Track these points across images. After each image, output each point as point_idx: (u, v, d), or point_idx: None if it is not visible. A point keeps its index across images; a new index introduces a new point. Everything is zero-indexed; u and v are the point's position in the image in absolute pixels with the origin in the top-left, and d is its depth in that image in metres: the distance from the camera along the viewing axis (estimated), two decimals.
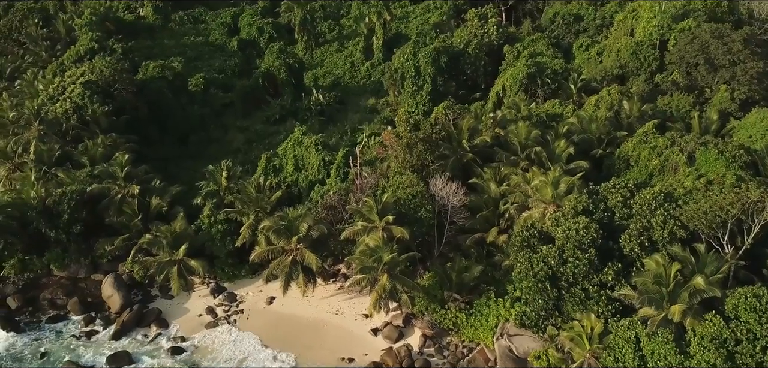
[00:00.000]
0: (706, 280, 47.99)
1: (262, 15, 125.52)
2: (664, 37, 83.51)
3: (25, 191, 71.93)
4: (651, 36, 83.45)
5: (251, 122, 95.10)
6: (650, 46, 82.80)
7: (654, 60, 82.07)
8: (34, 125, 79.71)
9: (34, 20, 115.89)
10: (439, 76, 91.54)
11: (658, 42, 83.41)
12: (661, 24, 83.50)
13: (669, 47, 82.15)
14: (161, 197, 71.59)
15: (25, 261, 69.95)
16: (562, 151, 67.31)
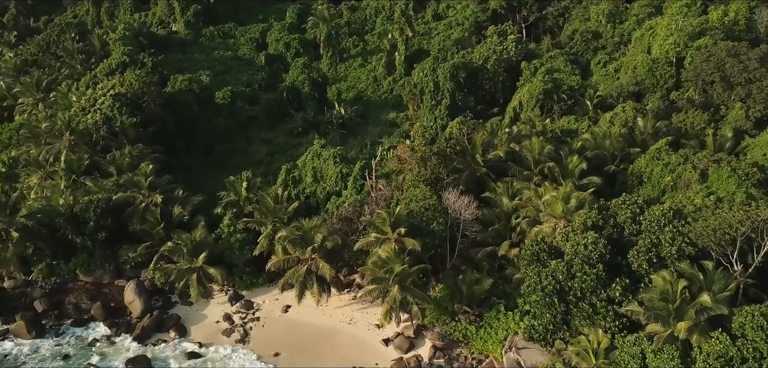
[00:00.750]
0: (713, 298, 46.94)
1: (290, 31, 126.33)
2: (680, 55, 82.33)
3: (54, 199, 73.02)
4: (667, 53, 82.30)
5: (275, 134, 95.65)
6: (666, 63, 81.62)
7: (670, 77, 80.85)
8: (66, 135, 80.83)
9: (71, 35, 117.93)
10: (458, 91, 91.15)
11: (675, 59, 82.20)
12: (678, 42, 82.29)
13: (685, 65, 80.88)
14: (183, 206, 72.15)
15: (53, 266, 71.11)
16: (574, 166, 66.48)
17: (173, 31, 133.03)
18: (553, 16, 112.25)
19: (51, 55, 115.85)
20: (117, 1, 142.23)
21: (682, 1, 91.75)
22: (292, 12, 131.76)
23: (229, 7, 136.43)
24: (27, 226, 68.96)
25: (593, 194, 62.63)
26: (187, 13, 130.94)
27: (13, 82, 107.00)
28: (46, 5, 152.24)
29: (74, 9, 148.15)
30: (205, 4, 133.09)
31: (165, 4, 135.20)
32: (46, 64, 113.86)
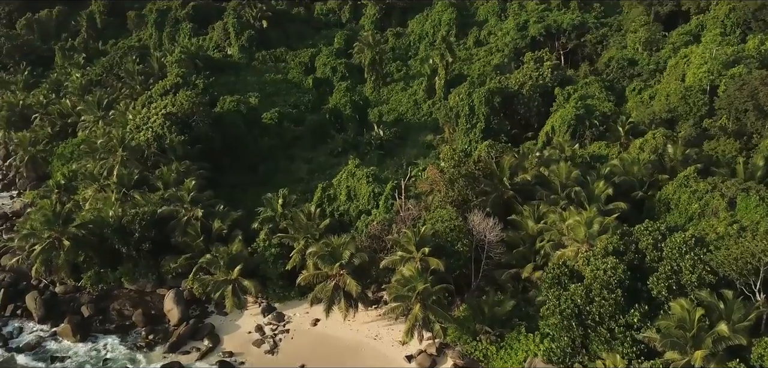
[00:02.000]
0: (731, 327, 44.81)
1: (337, 56, 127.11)
2: (714, 83, 79.46)
3: (105, 210, 74.84)
4: (701, 81, 79.57)
5: (316, 154, 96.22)
6: (700, 91, 78.94)
7: (703, 105, 78.13)
8: (119, 151, 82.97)
9: (132, 57, 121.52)
10: (493, 116, 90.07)
11: (709, 87, 79.37)
12: (712, 70, 79.52)
13: (719, 93, 78.03)
14: (222, 220, 73.05)
15: (101, 273, 72.68)
16: (600, 191, 64.70)
17: (228, 54, 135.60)
18: (592, 43, 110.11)
19: (113, 75, 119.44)
20: (178, 27, 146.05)
21: (718, 29, 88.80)
22: (340, 38, 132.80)
23: (281, 32, 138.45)
24: (78, 235, 70.82)
25: (619, 220, 60.85)
26: (241, 37, 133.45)
27: (78, 101, 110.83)
28: (114, 29, 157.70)
29: (139, 33, 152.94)
30: (258, 29, 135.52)
31: (221, 30, 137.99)
32: (108, 84, 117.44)
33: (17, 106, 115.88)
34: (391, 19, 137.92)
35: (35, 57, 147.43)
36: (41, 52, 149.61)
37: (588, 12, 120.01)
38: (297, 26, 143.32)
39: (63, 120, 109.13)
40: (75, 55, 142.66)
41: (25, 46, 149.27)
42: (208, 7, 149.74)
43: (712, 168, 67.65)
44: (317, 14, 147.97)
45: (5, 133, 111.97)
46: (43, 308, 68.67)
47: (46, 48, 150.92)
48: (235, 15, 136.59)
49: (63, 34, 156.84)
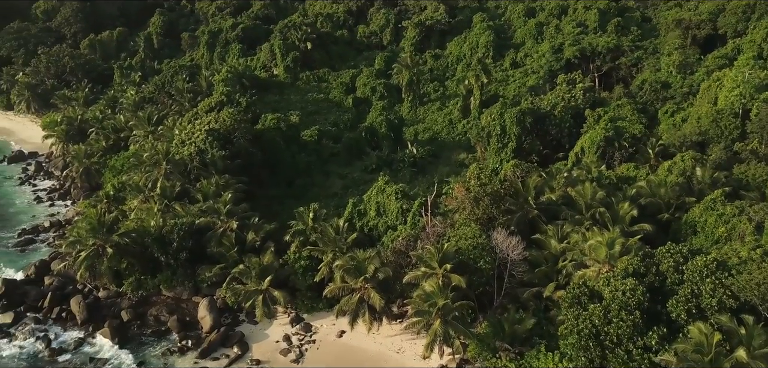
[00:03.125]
0: (750, 353, 42.71)
1: (377, 76, 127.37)
2: (746, 107, 76.44)
3: (147, 220, 76.20)
4: (733, 105, 76.64)
5: (351, 170, 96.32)
6: (731, 114, 76.02)
7: (735, 128, 75.19)
8: (163, 165, 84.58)
9: (183, 76, 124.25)
10: (524, 136, 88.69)
11: (741, 111, 76.42)
12: (744, 93, 76.53)
13: (751, 116, 75.01)
14: (256, 232, 73.53)
15: (141, 280, 73.94)
16: (625, 212, 62.78)
17: (274, 74, 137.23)
18: (626, 66, 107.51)
19: (165, 93, 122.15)
20: (228, 47, 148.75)
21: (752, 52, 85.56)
22: (380, 59, 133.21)
23: (324, 53, 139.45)
24: (120, 244, 72.34)
25: (645, 242, 58.99)
26: (286, 58, 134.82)
27: (130, 116, 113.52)
28: (170, 50, 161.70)
29: (192, 53, 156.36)
30: (303, 50, 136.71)
31: (268, 51, 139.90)
32: (159, 101, 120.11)
33: (76, 121, 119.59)
34: (430, 41, 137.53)
35: (96, 75, 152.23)
36: (102, 71, 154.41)
37: (625, 35, 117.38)
38: (340, 48, 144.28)
39: (116, 134, 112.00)
40: (132, 73, 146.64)
41: (87, 64, 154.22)
42: (256, 30, 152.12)
43: (742, 191, 65.02)
44: (360, 36, 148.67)
45: (64, 145, 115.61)
46: (85, 311, 70.19)
47: (106, 67, 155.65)
48: (282, 37, 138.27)
49: (122, 54, 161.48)
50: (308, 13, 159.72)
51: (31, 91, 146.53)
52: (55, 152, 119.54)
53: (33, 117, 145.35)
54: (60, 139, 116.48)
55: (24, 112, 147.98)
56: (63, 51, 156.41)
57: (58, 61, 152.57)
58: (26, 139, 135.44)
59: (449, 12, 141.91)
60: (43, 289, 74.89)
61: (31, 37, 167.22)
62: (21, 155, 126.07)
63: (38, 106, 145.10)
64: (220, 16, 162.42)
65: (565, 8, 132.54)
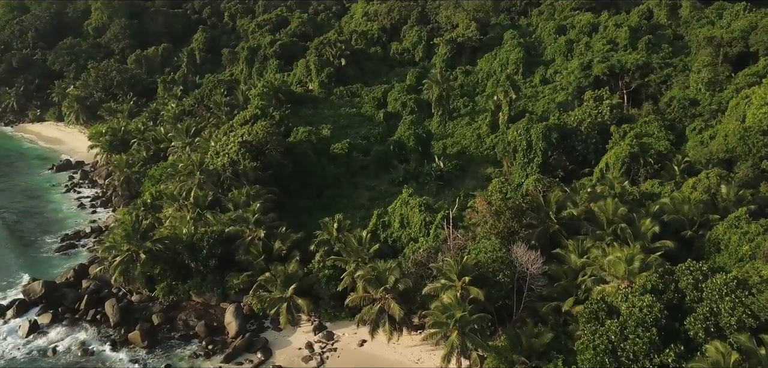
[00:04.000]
0: None
1: (408, 91, 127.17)
2: None
3: (179, 228, 77.14)
4: (761, 122, 74.11)
5: (378, 182, 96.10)
6: (759, 132, 73.45)
7: (763, 146, 72.60)
8: (197, 175, 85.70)
9: (221, 90, 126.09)
10: (551, 151, 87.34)
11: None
12: None
13: None
14: (282, 241, 73.81)
15: (172, 285, 74.78)
16: (647, 229, 61.07)
17: (309, 89, 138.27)
18: (655, 83, 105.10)
19: (203, 106, 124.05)
20: (266, 63, 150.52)
21: None
22: (411, 75, 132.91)
23: (357, 69, 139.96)
24: (153, 250, 73.34)
25: (667, 259, 57.21)
26: (321, 74, 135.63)
27: (170, 128, 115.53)
28: (211, 65, 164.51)
29: (231, 69, 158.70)
30: (337, 66, 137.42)
31: (304, 66, 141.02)
32: (198, 113, 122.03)
33: (120, 132, 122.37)
34: (461, 57, 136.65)
35: (141, 88, 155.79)
36: (147, 84, 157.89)
37: (656, 53, 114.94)
38: (373, 64, 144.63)
39: (156, 145, 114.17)
40: (174, 87, 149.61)
41: (133, 78, 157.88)
42: (293, 46, 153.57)
43: None
44: (393, 53, 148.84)
45: (108, 155, 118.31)
46: (118, 314, 71.28)
47: (151, 80, 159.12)
48: (317, 53, 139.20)
49: (166, 69, 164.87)
50: (344, 30, 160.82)
51: (80, 104, 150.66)
52: (99, 161, 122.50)
53: (81, 128, 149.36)
54: (104, 149, 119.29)
55: (73, 123, 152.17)
56: (111, 66, 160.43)
57: (106, 75, 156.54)
58: (74, 148, 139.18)
59: (481, 29, 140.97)
60: (80, 292, 76.37)
61: (82, 52, 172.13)
62: (68, 164, 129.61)
63: (86, 117, 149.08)
64: (259, 33, 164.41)
65: (595, 26, 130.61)
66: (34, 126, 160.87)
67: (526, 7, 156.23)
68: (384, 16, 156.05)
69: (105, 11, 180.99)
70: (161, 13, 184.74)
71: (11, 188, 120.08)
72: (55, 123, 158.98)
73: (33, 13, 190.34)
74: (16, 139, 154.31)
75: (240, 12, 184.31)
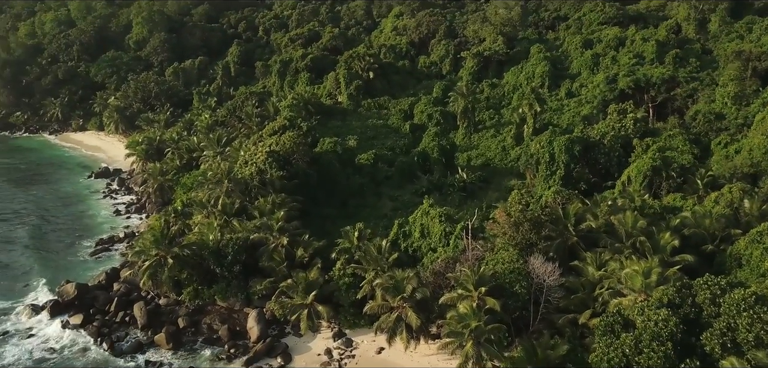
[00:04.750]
0: None
1: (434, 104, 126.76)
2: None
3: (206, 234, 77.82)
4: None
5: (402, 193, 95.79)
6: None
7: None
8: (225, 183, 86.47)
9: (252, 102, 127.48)
10: (573, 164, 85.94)
11: None
12: None
13: None
14: (305, 249, 73.93)
15: (198, 290, 75.21)
16: (666, 242, 59.49)
17: (338, 101, 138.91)
18: (681, 97, 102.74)
19: (235, 117, 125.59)
20: (297, 76, 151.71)
21: None
22: (438, 87, 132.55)
23: (385, 82, 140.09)
24: (180, 255, 74.15)
25: (687, 273, 55.55)
26: (350, 87, 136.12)
27: (203, 138, 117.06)
28: (245, 78, 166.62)
29: (264, 81, 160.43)
30: (365, 79, 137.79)
31: (334, 79, 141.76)
32: (230, 124, 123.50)
33: (155, 141, 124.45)
34: (488, 71, 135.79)
35: (178, 100, 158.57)
36: (183, 96, 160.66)
37: (683, 67, 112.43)
38: (401, 77, 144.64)
39: (189, 154, 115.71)
40: (209, 98, 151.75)
41: (170, 90, 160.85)
42: (324, 60, 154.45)
43: None
44: (420, 67, 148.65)
45: (143, 163, 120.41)
46: (146, 317, 72.03)
47: (187, 92, 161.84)
48: (346, 67, 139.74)
49: (202, 81, 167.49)
50: (373, 44, 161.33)
51: (119, 114, 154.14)
52: (135, 169, 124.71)
53: (120, 137, 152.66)
54: (140, 157, 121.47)
55: (113, 132, 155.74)
56: (149, 78, 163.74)
57: (145, 86, 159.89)
58: (113, 157, 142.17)
59: (508, 43, 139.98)
60: (111, 294, 77.47)
61: (123, 65, 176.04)
62: (106, 171, 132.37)
63: (125, 127, 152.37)
64: (291, 46, 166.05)
65: (622, 40, 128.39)
66: (77, 134, 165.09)
67: (554, 22, 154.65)
68: (412, 30, 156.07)
69: (145, 26, 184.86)
70: (199, 28, 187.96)
71: (53, 194, 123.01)
72: (96, 132, 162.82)
73: (78, 27, 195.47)
74: (60, 147, 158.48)
75: (274, 27, 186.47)
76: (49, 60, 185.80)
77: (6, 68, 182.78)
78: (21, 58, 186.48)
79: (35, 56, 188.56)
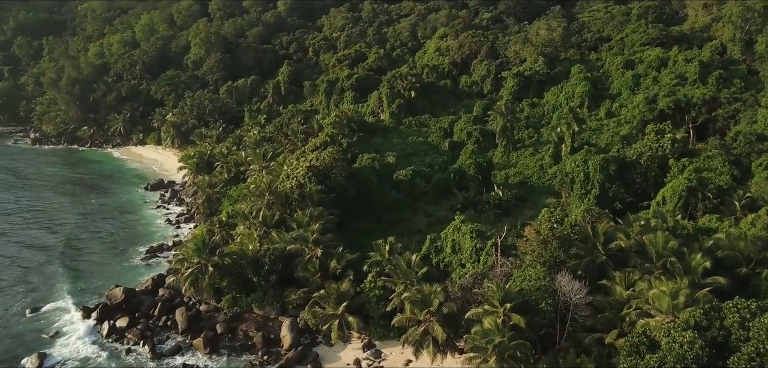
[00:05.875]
0: None
1: (474, 122, 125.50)
2: None
3: (246, 244, 78.87)
4: None
5: (437, 208, 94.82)
6: None
7: None
8: (266, 196, 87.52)
9: (298, 119, 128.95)
10: (608, 183, 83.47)
11: None
12: None
13: None
14: (338, 261, 74.00)
15: (236, 298, 76.21)
16: (698, 264, 56.85)
17: (380, 119, 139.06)
18: (723, 117, 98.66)
19: (282, 133, 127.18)
20: (343, 95, 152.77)
21: None
22: (478, 106, 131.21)
23: (427, 101, 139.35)
24: (219, 263, 75.29)
25: (718, 296, 52.88)
26: (392, 105, 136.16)
27: (250, 153, 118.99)
28: (294, 96, 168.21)
29: (312, 99, 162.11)
30: (407, 98, 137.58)
31: (377, 98, 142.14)
32: (276, 140, 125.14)
33: (206, 155, 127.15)
34: (528, 90, 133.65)
35: (230, 116, 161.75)
36: (235, 113, 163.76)
37: (727, 88, 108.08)
38: (442, 96, 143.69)
39: (237, 168, 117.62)
40: (259, 115, 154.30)
41: (223, 107, 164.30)
42: (369, 79, 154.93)
43: None
44: (462, 86, 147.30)
45: (194, 176, 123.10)
46: (186, 322, 73.37)
47: (239, 109, 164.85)
48: (389, 86, 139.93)
49: (254, 99, 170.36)
50: (417, 64, 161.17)
51: (176, 129, 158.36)
52: (187, 181, 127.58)
53: (175, 151, 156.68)
54: (191, 170, 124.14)
55: (169, 146, 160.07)
56: (204, 95, 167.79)
57: (200, 103, 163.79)
58: (168, 169, 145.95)
59: (549, 64, 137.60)
60: (155, 299, 79.24)
61: (180, 83, 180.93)
62: (161, 183, 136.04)
63: (181, 141, 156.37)
64: (339, 67, 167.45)
65: (665, 61, 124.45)
66: (137, 148, 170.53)
67: (596, 43, 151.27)
68: (455, 51, 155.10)
69: (203, 46, 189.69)
70: (252, 49, 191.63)
71: (112, 203, 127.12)
72: (154, 146, 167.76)
73: (142, 48, 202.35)
74: (121, 159, 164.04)
75: (323, 48, 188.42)
76: (114, 78, 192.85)
77: (76, 86, 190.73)
78: (89, 77, 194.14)
79: (102, 75, 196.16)
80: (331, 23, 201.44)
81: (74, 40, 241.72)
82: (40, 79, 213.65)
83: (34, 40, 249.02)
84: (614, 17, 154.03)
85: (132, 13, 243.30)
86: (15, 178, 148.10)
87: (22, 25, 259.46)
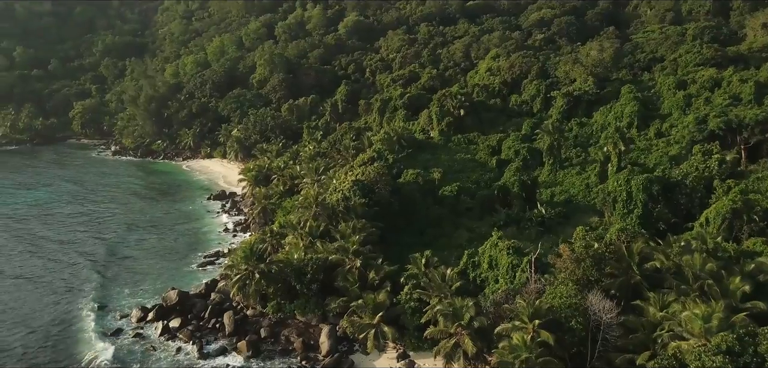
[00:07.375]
0: None
1: (522, 140, 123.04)
2: None
3: (291, 253, 79.80)
4: None
5: (479, 225, 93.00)
6: None
7: None
8: (313, 208, 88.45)
9: (350, 135, 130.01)
10: (652, 203, 79.85)
11: None
12: None
13: None
14: (376, 272, 73.69)
15: (281, 304, 76.96)
16: (736, 287, 53.39)
17: (430, 136, 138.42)
18: None
19: (335, 149, 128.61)
20: (395, 113, 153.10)
21: None
22: (527, 124, 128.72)
23: (476, 119, 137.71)
24: (265, 271, 76.35)
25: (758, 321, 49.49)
26: (441, 123, 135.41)
27: (304, 167, 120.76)
28: (350, 114, 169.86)
29: (366, 117, 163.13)
30: (456, 116, 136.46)
31: (427, 116, 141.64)
32: (329, 155, 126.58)
33: (264, 168, 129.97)
34: (577, 110, 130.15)
35: (291, 133, 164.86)
36: (295, 129, 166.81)
37: None
38: (492, 114, 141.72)
39: (292, 181, 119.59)
40: (316, 132, 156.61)
41: (284, 124, 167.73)
42: (420, 98, 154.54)
43: None
44: (512, 105, 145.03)
45: (252, 187, 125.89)
46: (233, 325, 74.62)
47: (299, 126, 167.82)
48: (439, 105, 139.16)
49: (313, 116, 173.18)
50: (468, 84, 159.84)
51: (239, 144, 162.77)
52: (246, 193, 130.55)
53: (239, 164, 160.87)
54: (250, 182, 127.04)
55: (233, 159, 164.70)
56: (267, 113, 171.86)
57: (263, 120, 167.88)
58: (231, 181, 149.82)
59: (598, 84, 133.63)
60: (207, 303, 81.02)
61: (245, 101, 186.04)
62: (223, 194, 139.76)
63: (244, 155, 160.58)
64: (393, 86, 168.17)
65: (718, 81, 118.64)
66: (204, 161, 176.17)
67: (649, 63, 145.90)
68: (506, 71, 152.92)
69: (267, 67, 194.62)
70: (313, 69, 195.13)
71: (177, 211, 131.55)
72: (220, 159, 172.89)
73: (212, 68, 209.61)
74: (189, 171, 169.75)
75: (379, 68, 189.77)
76: (186, 96, 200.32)
77: (152, 103, 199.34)
78: (165, 95, 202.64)
79: (176, 93, 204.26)
80: (388, 45, 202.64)
81: (153, 60, 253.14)
82: (122, 96, 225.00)
83: (118, 61, 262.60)
84: (669, 37, 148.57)
85: (205, 36, 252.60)
86: (91, 187, 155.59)
87: (109, 48, 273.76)
